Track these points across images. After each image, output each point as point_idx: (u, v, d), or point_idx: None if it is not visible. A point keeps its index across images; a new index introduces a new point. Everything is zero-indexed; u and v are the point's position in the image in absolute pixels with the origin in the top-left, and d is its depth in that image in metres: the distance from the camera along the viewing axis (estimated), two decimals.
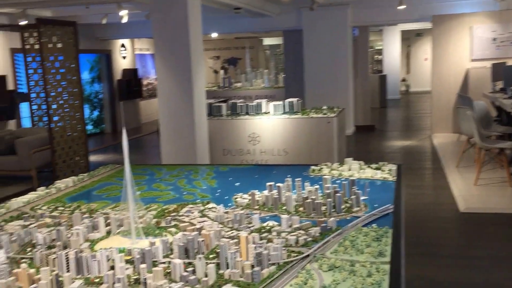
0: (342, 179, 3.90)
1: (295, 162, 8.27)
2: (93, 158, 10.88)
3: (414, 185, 8.03)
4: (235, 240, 2.56)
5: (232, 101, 8.86)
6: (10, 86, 11.00)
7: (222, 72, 18.28)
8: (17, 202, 3.56)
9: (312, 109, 8.92)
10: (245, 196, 3.53)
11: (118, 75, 15.43)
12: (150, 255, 2.41)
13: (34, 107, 9.10)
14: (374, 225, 2.84)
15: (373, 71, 23.37)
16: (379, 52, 24.70)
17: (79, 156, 8.37)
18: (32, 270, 2.31)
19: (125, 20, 9.31)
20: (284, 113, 8.49)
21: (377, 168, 4.22)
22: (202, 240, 2.55)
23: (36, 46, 8.05)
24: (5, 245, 2.66)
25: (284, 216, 2.92)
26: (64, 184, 4.05)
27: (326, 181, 3.59)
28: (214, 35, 16.83)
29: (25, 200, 3.62)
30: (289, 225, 2.90)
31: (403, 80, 25.23)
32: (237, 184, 4.02)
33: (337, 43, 12.64)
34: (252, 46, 20.24)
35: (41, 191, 3.84)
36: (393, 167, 4.15)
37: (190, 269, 2.31)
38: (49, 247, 2.68)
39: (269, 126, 8.38)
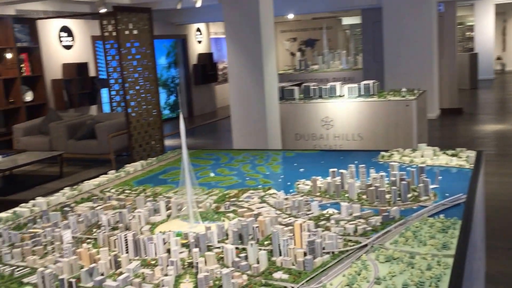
0: (414, 166, 3.74)
1: (370, 148, 8.02)
2: (169, 142, 11.16)
3: (505, 173, 7.43)
4: (290, 227, 2.51)
5: (305, 84, 8.75)
6: (92, 72, 11.50)
7: (298, 54, 18.13)
8: (88, 184, 3.70)
9: (390, 91, 8.60)
10: (308, 182, 3.47)
11: (193, 60, 15.69)
12: (204, 240, 2.42)
13: (113, 92, 9.45)
14: (441, 216, 2.69)
15: (464, 49, 22.18)
16: (471, 28, 23.28)
17: (155, 140, 8.61)
18: (94, 250, 2.39)
19: (199, 4, 9.40)
20: (360, 96, 8.25)
21: (453, 155, 4.00)
22: (257, 227, 2.53)
23: (114, 33, 8.32)
24: (72, 226, 2.77)
25: (344, 204, 2.84)
26: (133, 168, 4.17)
27: (393, 168, 3.45)
28: (291, 16, 16.66)
29: (96, 183, 3.76)
30: (349, 213, 2.81)
31: (498, 58, 23.59)
32: (301, 170, 3.96)
33: (421, 21, 11.93)
34: (330, 27, 19.81)
35: (111, 174, 3.97)
36: (472, 153, 3.91)
37: (243, 254, 2.30)
38: (113, 229, 2.76)
39: (343, 110, 8.19)
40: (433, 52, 12.05)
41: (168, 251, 2.39)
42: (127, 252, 2.40)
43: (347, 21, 22.16)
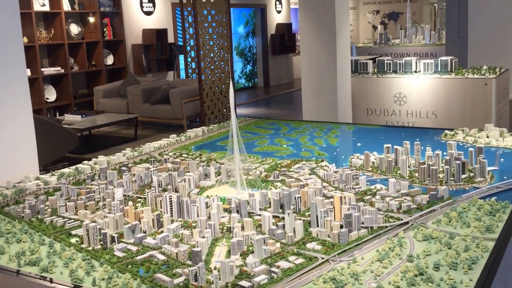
0: (477, 146, 3.60)
1: (444, 127, 7.73)
2: (243, 111, 11.31)
3: None
4: (332, 200, 2.52)
5: (379, 58, 8.53)
6: (170, 39, 11.78)
7: (380, 27, 17.62)
8: (149, 146, 3.86)
9: (470, 68, 8.23)
10: (362, 156, 3.43)
11: (272, 30, 15.64)
12: (245, 206, 2.48)
13: (189, 59, 9.64)
14: (493, 199, 2.59)
15: None
16: None
17: (227, 108, 8.76)
18: (140, 209, 2.51)
19: None
20: (436, 72, 7.95)
21: None
22: (299, 197, 2.56)
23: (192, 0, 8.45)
24: (125, 185, 2.92)
25: (392, 180, 2.80)
26: (194, 133, 4.29)
27: (450, 147, 3.34)
28: None
29: (156, 145, 3.91)
30: (397, 190, 2.77)
31: None
32: (358, 144, 3.92)
33: None
34: None
35: (172, 138, 4.12)
36: None
37: (281, 223, 2.34)
38: (164, 190, 2.88)
39: (418, 86, 7.92)
40: None
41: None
42: (171, 213, 2.51)
43: None
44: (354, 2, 20.37)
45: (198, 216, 2.46)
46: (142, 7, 11.21)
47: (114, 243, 2.22)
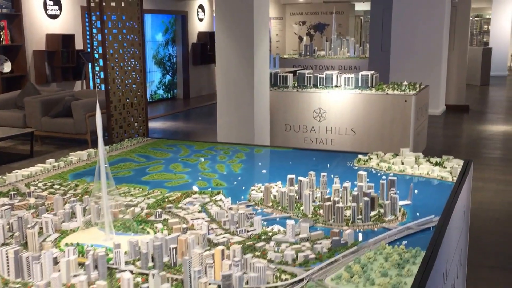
0: (391, 174, 3.30)
1: (363, 144, 7.60)
2: (159, 124, 10.73)
3: (503, 180, 6.83)
4: (213, 252, 2.06)
5: (300, 71, 8.27)
6: (79, 45, 10.97)
7: (306, 38, 17.60)
8: (16, 175, 3.26)
9: (390, 84, 8.15)
10: (264, 188, 3.01)
11: (193, 38, 15.11)
12: (104, 261, 1.97)
13: (97, 68, 8.97)
14: (403, 244, 2.23)
15: (480, 44, 21.44)
16: (489, 21, 22.43)
17: (138, 122, 8.17)
18: None
19: None
20: (357, 87, 7.80)
21: (437, 164, 3.53)
22: (174, 248, 2.08)
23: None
24: None
25: (290, 222, 2.38)
26: (78, 157, 3.72)
27: (360, 178, 2.99)
28: None
29: (25, 173, 3.31)
30: (296, 233, 2.36)
31: None
32: (263, 171, 3.51)
33: (432, 10, 11.26)
34: (342, 12, 19.30)
35: (49, 164, 3.53)
36: (459, 163, 3.44)
37: (146, 285, 1.86)
38: (12, 236, 2.32)
39: (338, 102, 7.73)
40: (443, 45, 11.43)
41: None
42: (8, 273, 1.97)
43: (360, 7, 21.52)
44: (280, 12, 20.32)
45: (43, 277, 1.93)
46: (46, 9, 10.36)
47: None
